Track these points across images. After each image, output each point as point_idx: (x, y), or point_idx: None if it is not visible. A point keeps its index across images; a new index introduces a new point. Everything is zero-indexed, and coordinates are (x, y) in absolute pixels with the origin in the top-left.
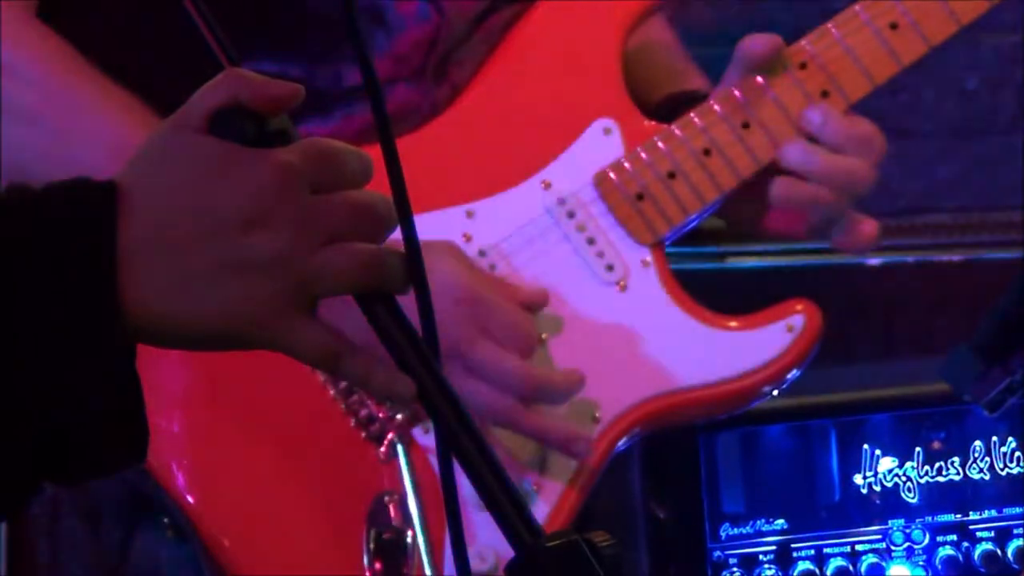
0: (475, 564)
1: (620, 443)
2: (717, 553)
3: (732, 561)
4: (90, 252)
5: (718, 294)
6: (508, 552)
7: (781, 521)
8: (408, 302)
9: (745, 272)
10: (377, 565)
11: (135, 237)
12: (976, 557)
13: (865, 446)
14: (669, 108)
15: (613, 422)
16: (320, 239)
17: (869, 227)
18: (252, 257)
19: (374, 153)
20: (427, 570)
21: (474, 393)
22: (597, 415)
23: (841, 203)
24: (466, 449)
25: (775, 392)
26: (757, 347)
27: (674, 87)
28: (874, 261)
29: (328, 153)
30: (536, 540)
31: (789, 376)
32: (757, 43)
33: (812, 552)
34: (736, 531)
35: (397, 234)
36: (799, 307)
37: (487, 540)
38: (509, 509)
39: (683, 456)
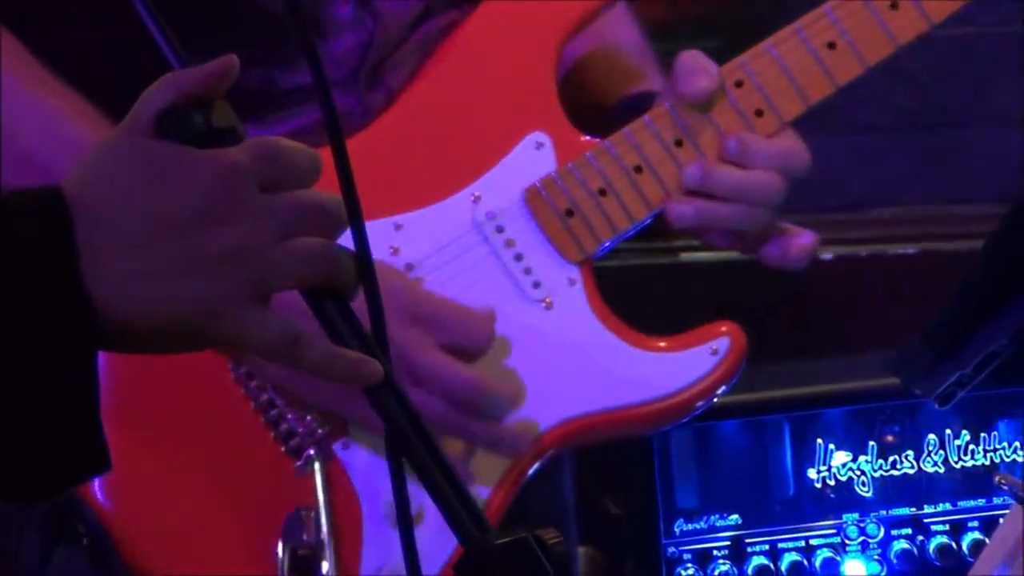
0: None
1: (540, 461)
2: (671, 549)
3: (686, 556)
4: (52, 258)
5: (672, 289)
6: (427, 569)
7: (735, 516)
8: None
9: (699, 266)
10: None
11: (92, 241)
12: (931, 550)
13: (819, 440)
14: (626, 110)
15: (534, 442)
16: (272, 235)
17: (803, 240)
18: (206, 254)
19: (326, 154)
20: None
21: (423, 403)
22: (527, 427)
23: (756, 219)
24: (415, 447)
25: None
26: (681, 370)
27: (629, 88)
28: (827, 255)
29: (277, 151)
30: (485, 537)
31: (714, 396)
32: (692, 87)
33: (766, 547)
34: (690, 526)
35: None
36: (724, 329)
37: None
38: (458, 506)
39: (637, 452)
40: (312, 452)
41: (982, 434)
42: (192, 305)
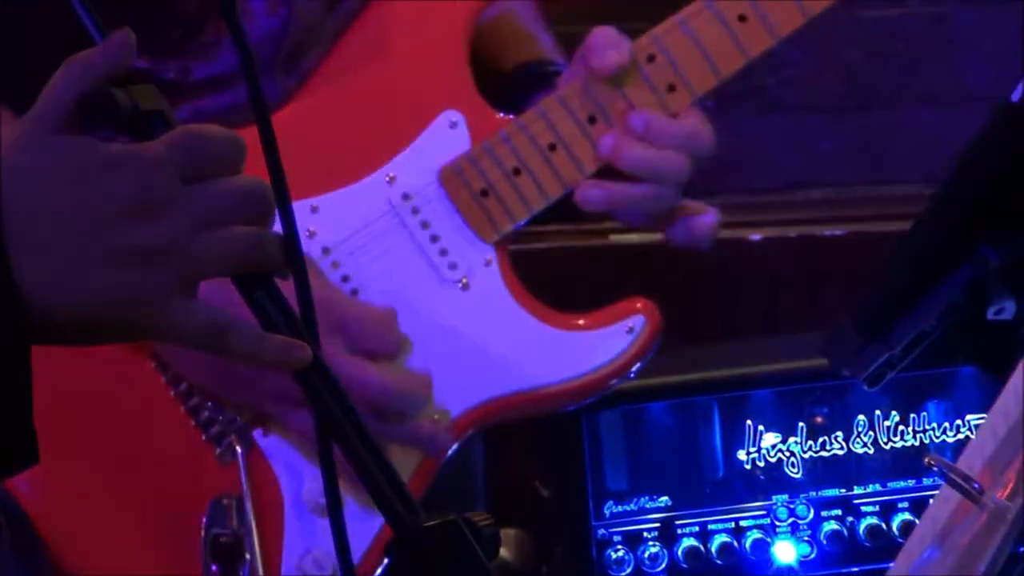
0: (311, 570)
1: (456, 444)
2: (601, 531)
3: (616, 539)
4: None
5: (602, 271)
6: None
7: (665, 498)
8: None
9: (629, 248)
10: (214, 568)
11: (19, 239)
12: (861, 531)
13: (748, 422)
14: (523, 77)
15: (452, 423)
16: (197, 226)
17: (707, 219)
18: (131, 249)
19: (244, 136)
20: (260, 574)
21: None
22: (436, 417)
23: (662, 197)
24: (344, 431)
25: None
26: (597, 348)
27: (524, 56)
28: (756, 236)
29: (199, 140)
30: (416, 521)
31: (630, 373)
32: (603, 61)
33: (696, 528)
34: (620, 508)
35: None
36: (639, 306)
37: (327, 546)
38: (388, 490)
39: (566, 434)
40: (233, 440)
41: (911, 415)
42: (119, 300)
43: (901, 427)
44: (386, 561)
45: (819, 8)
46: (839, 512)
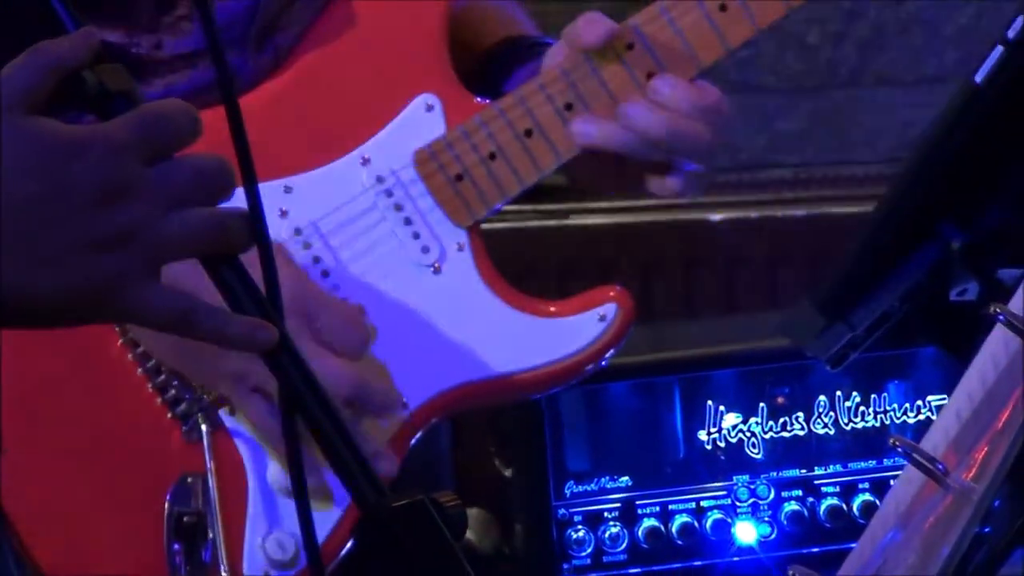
0: (274, 552)
1: (425, 427)
2: (562, 511)
3: (577, 519)
4: None
5: (561, 251)
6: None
7: (626, 478)
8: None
9: (588, 229)
10: (176, 546)
11: None
12: (821, 512)
13: (709, 402)
14: (507, 52)
15: (421, 407)
16: (161, 207)
17: (675, 180)
18: (94, 235)
19: (206, 119)
20: (221, 555)
21: None
22: (405, 400)
23: (677, 161)
24: (311, 409)
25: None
26: (568, 336)
27: (505, 34)
28: (716, 217)
29: (157, 120)
30: (382, 500)
31: (603, 360)
32: (590, 33)
33: (657, 509)
34: (581, 488)
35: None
36: (611, 294)
37: (290, 527)
38: (355, 469)
39: (527, 414)
40: (199, 418)
41: (872, 396)
42: (83, 285)
43: (862, 408)
44: (352, 542)
45: (800, 1)
46: (800, 493)
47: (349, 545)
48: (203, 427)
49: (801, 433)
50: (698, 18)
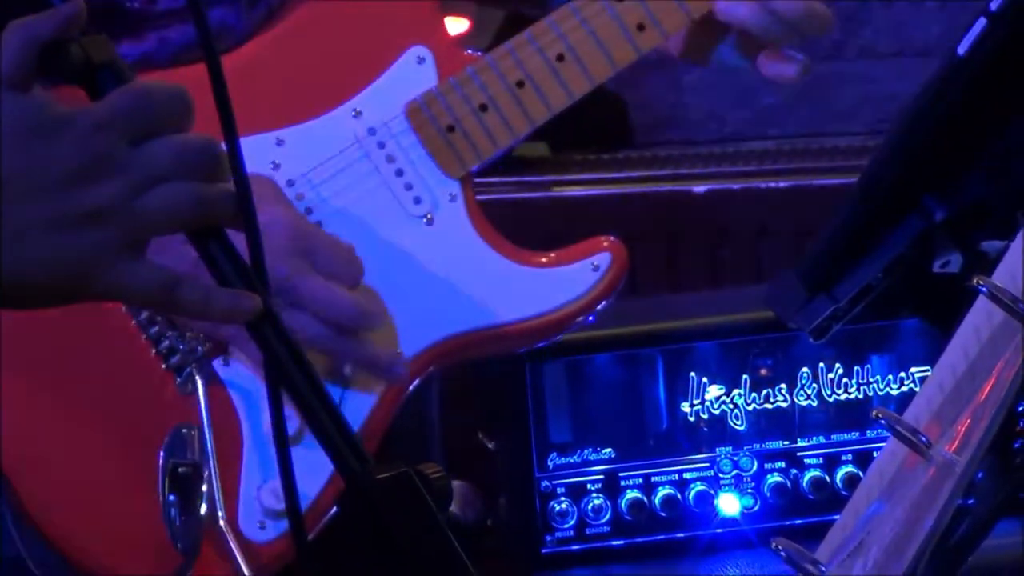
0: (270, 501)
1: (422, 376)
2: (545, 483)
3: (560, 491)
4: None
5: (543, 223)
6: (307, 490)
7: (609, 450)
8: (236, 237)
9: (571, 201)
10: (171, 497)
11: None
12: (804, 484)
13: (692, 374)
14: None
15: (416, 357)
16: (143, 185)
17: (793, 68)
18: (77, 212)
19: (197, 74)
20: (218, 505)
21: (301, 326)
22: (400, 350)
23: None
24: (295, 379)
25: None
26: (562, 285)
27: None
28: (699, 188)
29: (144, 100)
30: (366, 472)
31: (595, 312)
32: None
33: (640, 481)
34: (564, 460)
35: None
36: (605, 244)
37: None
38: (339, 440)
39: (510, 386)
40: (193, 369)
41: (855, 367)
42: (66, 264)
43: (845, 380)
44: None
45: None
46: (783, 465)
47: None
48: (197, 378)
49: (784, 405)
50: None
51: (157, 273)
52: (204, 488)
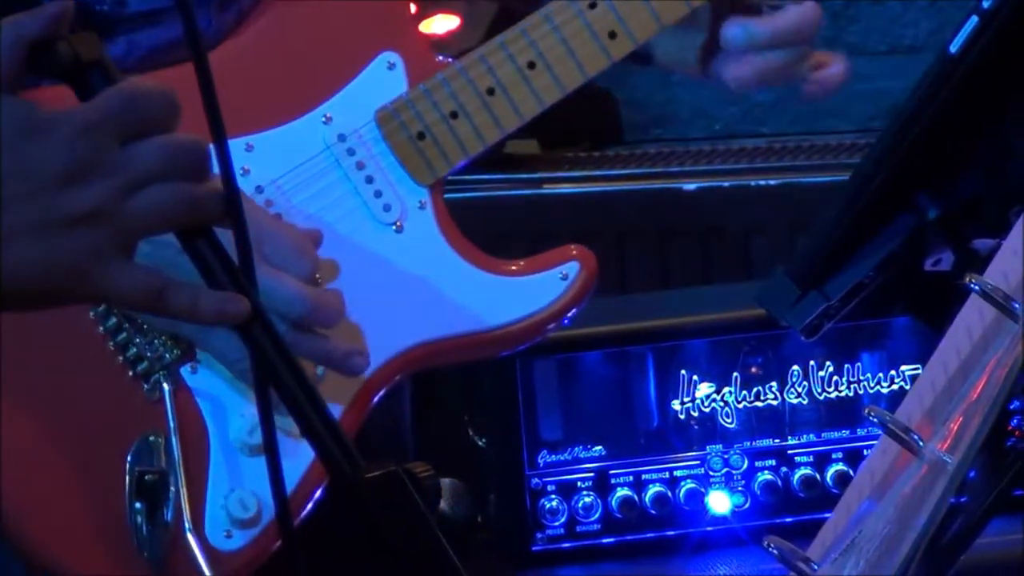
0: (236, 510)
1: (389, 384)
2: (535, 480)
3: (550, 488)
4: None
5: (535, 221)
6: (270, 499)
7: (599, 448)
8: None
9: (561, 198)
10: (138, 505)
11: None
12: (795, 482)
13: (683, 371)
14: None
15: (382, 367)
16: (131, 186)
17: (837, 67)
18: (68, 212)
19: (176, 76)
20: (184, 513)
21: None
22: (357, 347)
23: (798, 58)
24: (285, 381)
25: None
26: (531, 294)
27: None
28: (690, 186)
29: (133, 100)
30: (356, 471)
31: (564, 320)
32: None
33: (631, 478)
34: (554, 458)
35: None
36: (574, 253)
37: (252, 486)
38: (328, 440)
39: (500, 383)
40: (160, 376)
41: (846, 365)
42: (57, 266)
43: (835, 378)
44: (317, 495)
45: None
46: (773, 463)
47: (313, 501)
48: (165, 386)
49: (775, 403)
50: None
51: (146, 275)
52: (171, 496)
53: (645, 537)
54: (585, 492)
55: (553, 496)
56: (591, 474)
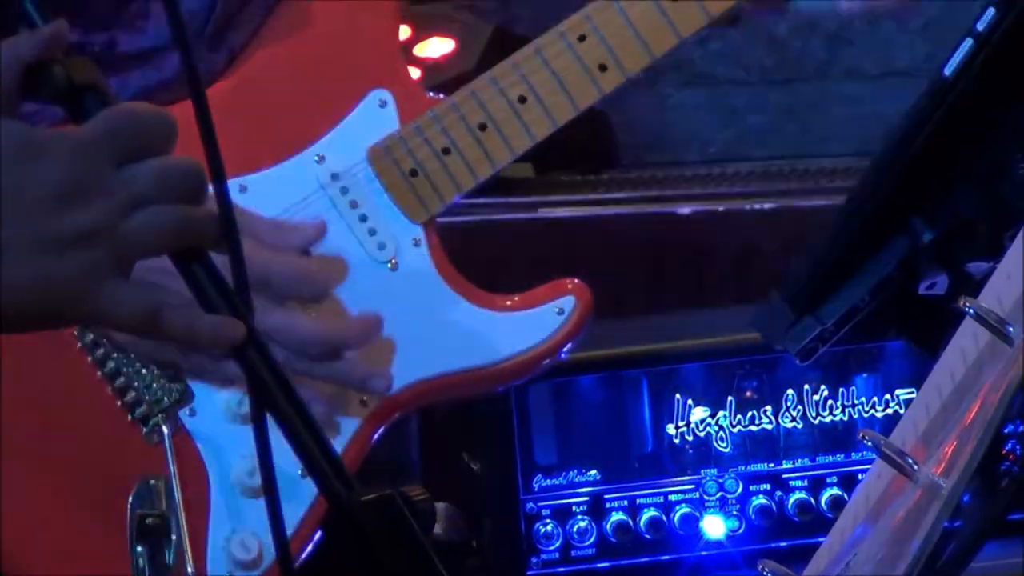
0: (238, 552)
1: (387, 422)
2: (530, 505)
3: (545, 513)
4: None
5: (530, 244)
6: (271, 541)
7: (594, 472)
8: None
9: (556, 222)
10: (139, 548)
11: None
12: (789, 506)
13: (677, 396)
14: None
15: (381, 405)
16: (128, 207)
17: None
18: (62, 235)
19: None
20: (186, 556)
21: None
22: (365, 399)
23: None
24: (281, 405)
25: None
26: (526, 330)
27: None
28: (684, 210)
29: (130, 122)
30: (352, 495)
31: (561, 354)
32: None
33: (625, 503)
34: (549, 482)
35: None
36: (569, 287)
37: (253, 528)
38: (324, 464)
39: (495, 407)
40: (159, 420)
41: (840, 389)
42: (53, 286)
43: (830, 401)
44: (317, 537)
45: None
46: (768, 487)
47: (313, 543)
48: (164, 429)
49: (769, 427)
50: (649, 8)
51: (143, 297)
52: (172, 539)
53: (640, 561)
54: (580, 516)
55: (548, 520)
56: (586, 498)
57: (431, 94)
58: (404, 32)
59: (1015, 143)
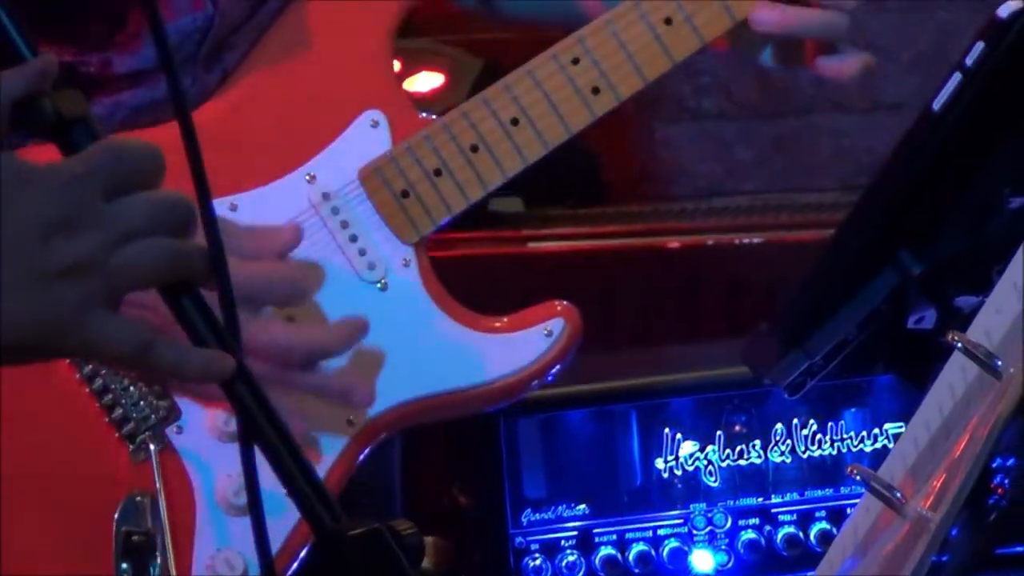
0: (223, 570)
1: (374, 442)
2: (519, 539)
3: (534, 547)
4: None
5: (519, 278)
6: (256, 558)
7: (583, 506)
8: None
9: (545, 255)
10: (124, 566)
11: None
12: (778, 541)
13: (666, 430)
14: None
15: (367, 425)
16: (117, 240)
17: (851, 60)
18: (51, 268)
19: (161, 136)
20: (172, 573)
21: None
22: (351, 418)
23: (834, 23)
24: (268, 436)
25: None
26: (516, 351)
27: None
28: (673, 243)
29: (119, 156)
30: (339, 527)
31: (549, 376)
32: None
33: (614, 537)
34: (538, 516)
35: None
36: (558, 309)
37: (238, 546)
38: (311, 496)
39: (484, 441)
40: (147, 438)
41: (829, 423)
42: (42, 319)
43: (819, 436)
44: (299, 560)
45: (745, 12)
46: (757, 521)
47: (299, 561)
48: (151, 446)
49: (758, 461)
50: (643, 31)
51: (132, 330)
52: (158, 556)
53: None
54: (569, 550)
55: (537, 555)
56: (575, 532)
57: (424, 115)
58: (395, 65)
59: (1003, 177)
